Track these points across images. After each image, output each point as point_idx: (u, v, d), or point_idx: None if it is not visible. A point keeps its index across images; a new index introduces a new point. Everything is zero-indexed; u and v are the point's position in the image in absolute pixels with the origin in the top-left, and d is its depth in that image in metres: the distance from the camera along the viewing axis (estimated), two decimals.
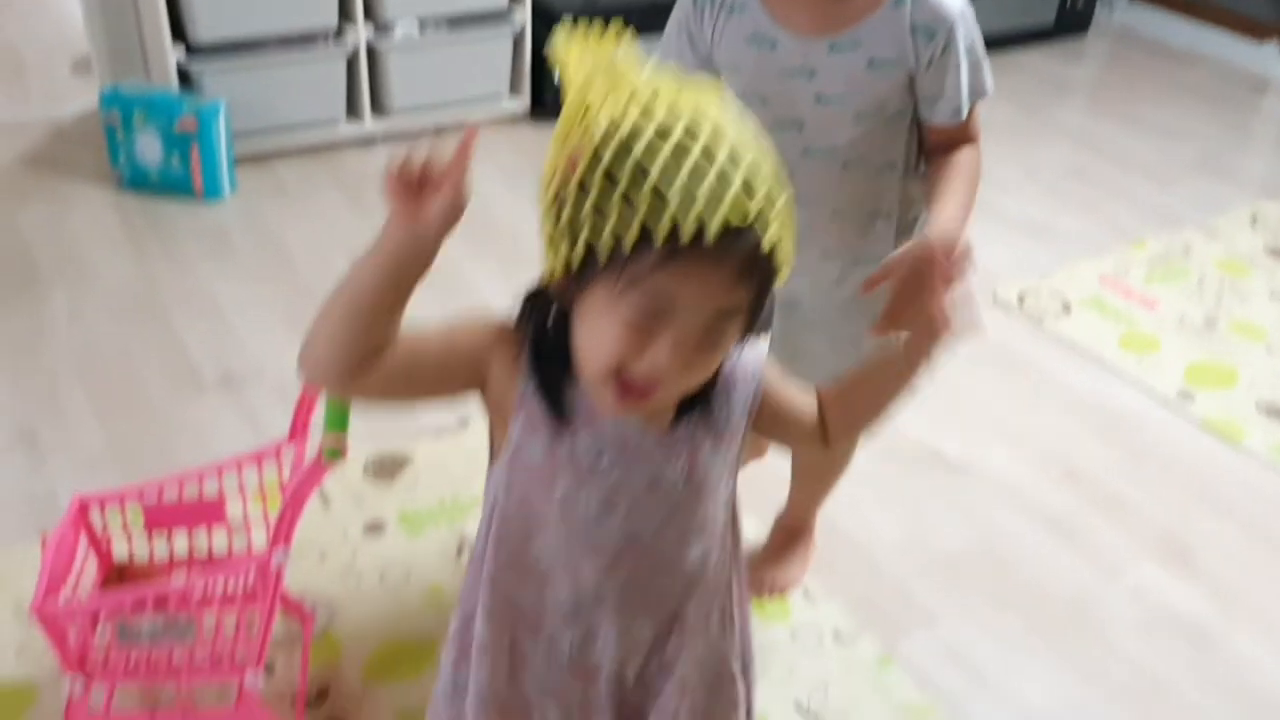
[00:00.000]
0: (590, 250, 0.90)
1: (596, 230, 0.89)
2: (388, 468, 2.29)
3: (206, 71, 3.32)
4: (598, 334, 0.94)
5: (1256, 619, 2.06)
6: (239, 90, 3.36)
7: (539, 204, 0.96)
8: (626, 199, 0.87)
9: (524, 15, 3.74)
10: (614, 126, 0.89)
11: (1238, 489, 2.39)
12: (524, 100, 3.91)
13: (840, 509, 2.13)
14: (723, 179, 0.88)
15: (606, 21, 0.98)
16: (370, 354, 0.94)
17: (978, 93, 1.53)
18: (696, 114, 0.90)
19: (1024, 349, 2.81)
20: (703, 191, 0.87)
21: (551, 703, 1.18)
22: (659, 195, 0.87)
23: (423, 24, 3.61)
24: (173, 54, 3.27)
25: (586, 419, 1.03)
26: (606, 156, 0.89)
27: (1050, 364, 2.77)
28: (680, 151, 0.87)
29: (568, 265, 0.92)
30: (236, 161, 3.38)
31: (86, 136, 3.58)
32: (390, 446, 2.34)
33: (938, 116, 1.53)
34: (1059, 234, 3.40)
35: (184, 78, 3.34)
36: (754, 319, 0.98)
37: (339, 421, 1.47)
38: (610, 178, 0.88)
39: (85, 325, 2.70)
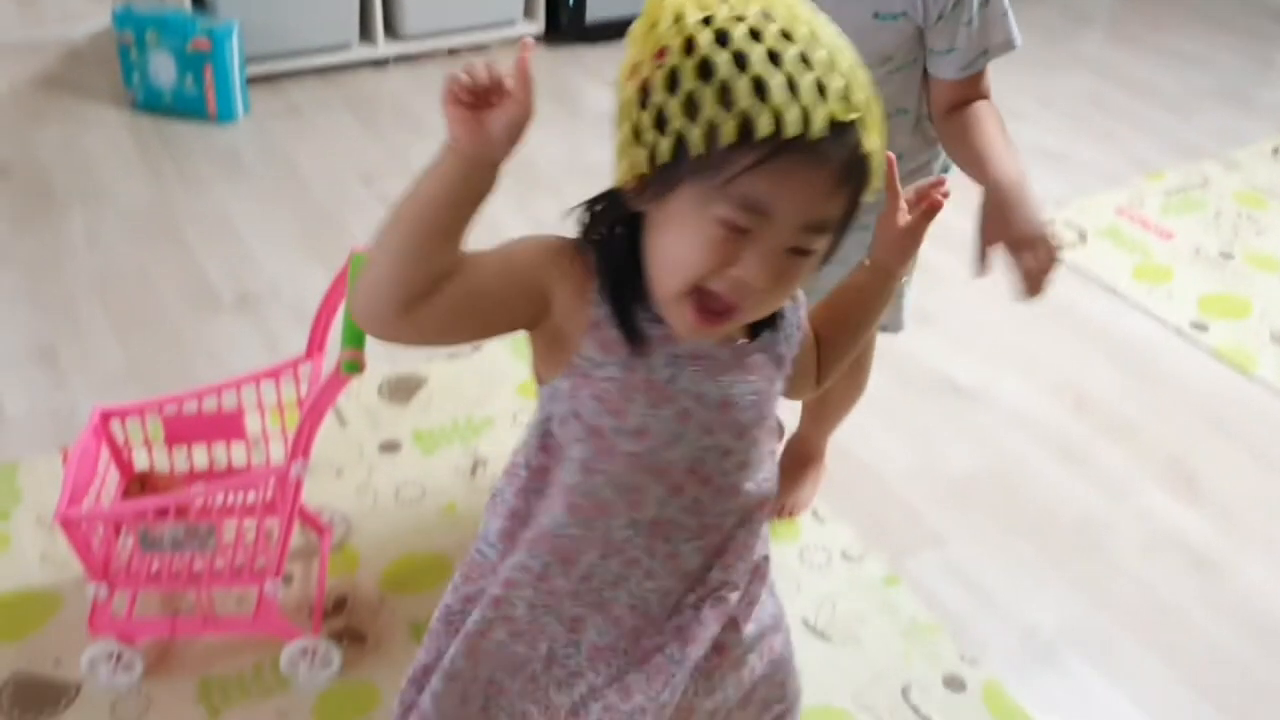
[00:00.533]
0: (677, 149, 0.84)
1: (689, 123, 0.83)
2: (403, 388, 2.31)
3: None
4: (681, 243, 0.88)
5: (1263, 546, 2.08)
6: (252, 11, 3.34)
7: (617, 99, 0.90)
8: (724, 89, 0.82)
9: None
10: (708, 17, 0.85)
11: (1248, 417, 2.40)
12: (538, 24, 3.88)
13: (851, 434, 2.15)
14: (827, 73, 0.84)
15: None
16: (428, 285, 0.88)
17: (999, 48, 1.48)
18: (791, 17, 0.86)
19: None
20: (807, 83, 0.82)
21: (561, 630, 1.14)
22: (760, 85, 0.81)
23: None
24: None
25: (662, 338, 0.97)
26: (702, 44, 0.83)
27: (1064, 292, 2.77)
28: (780, 44, 0.83)
29: (650, 164, 0.86)
30: (249, 83, 3.37)
31: (100, 57, 3.58)
32: (405, 368, 2.36)
33: (948, 71, 1.48)
34: (1076, 164, 3.37)
35: None
36: (837, 241, 0.93)
37: (356, 338, 1.48)
38: (706, 66, 0.83)
39: (103, 245, 2.72)
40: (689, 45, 0.84)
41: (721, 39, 0.83)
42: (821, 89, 0.83)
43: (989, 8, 1.45)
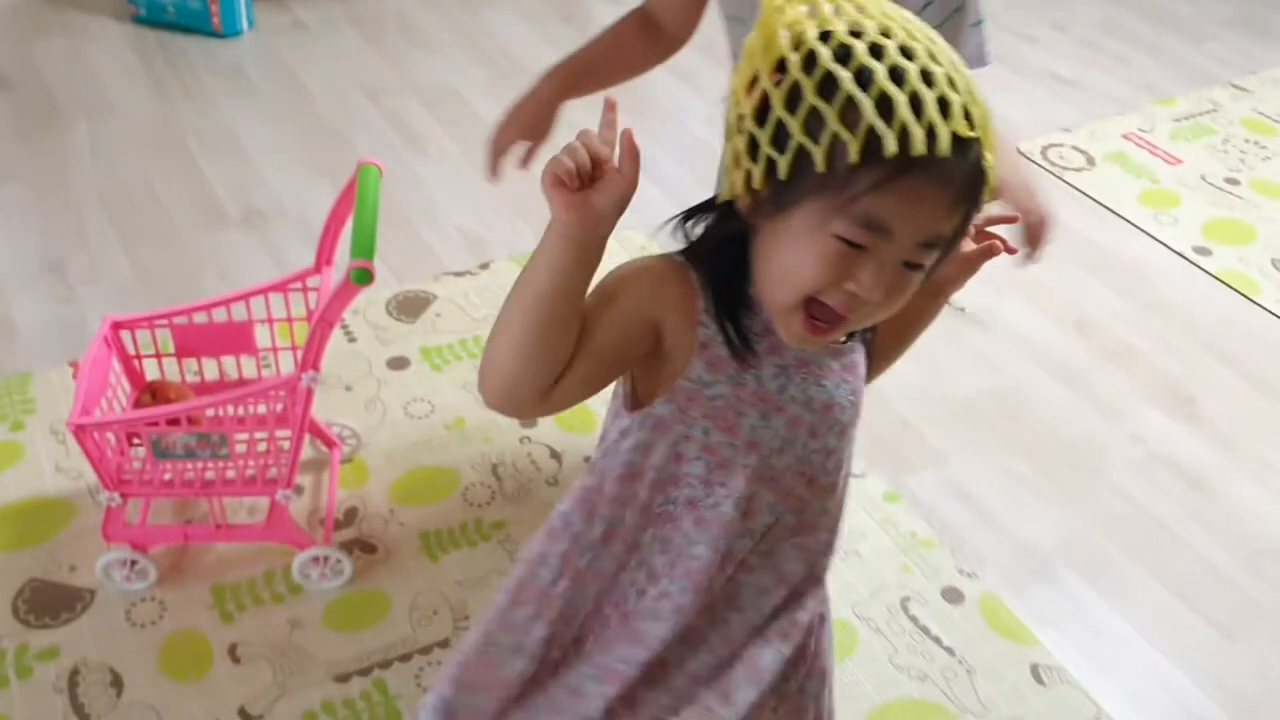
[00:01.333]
0: (798, 166, 0.83)
1: (811, 140, 0.82)
2: (410, 306, 2.32)
3: None
4: (796, 258, 0.87)
5: (1257, 468, 2.11)
6: None
7: (728, 115, 0.89)
8: (848, 106, 0.81)
9: None
10: (826, 33, 0.84)
11: (1248, 342, 2.42)
12: None
13: None
14: (948, 90, 0.82)
15: None
16: (559, 370, 0.89)
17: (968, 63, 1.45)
18: (907, 33, 0.85)
19: None
20: (930, 100, 0.81)
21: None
22: (885, 103, 0.80)
23: None
24: None
25: (768, 349, 0.97)
26: (824, 60, 0.82)
27: (1070, 217, 2.77)
28: (901, 61, 0.82)
29: (765, 180, 0.85)
30: None
31: None
32: (413, 286, 2.37)
33: None
34: (1088, 89, 3.35)
35: None
36: (945, 256, 0.92)
37: (366, 249, 1.49)
38: (828, 83, 0.81)
39: (108, 159, 2.71)
40: (809, 61, 0.83)
41: (843, 55, 0.82)
42: (944, 106, 0.82)
43: (961, 14, 1.40)
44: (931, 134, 0.80)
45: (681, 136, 2.93)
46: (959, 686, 1.68)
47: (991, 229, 1.11)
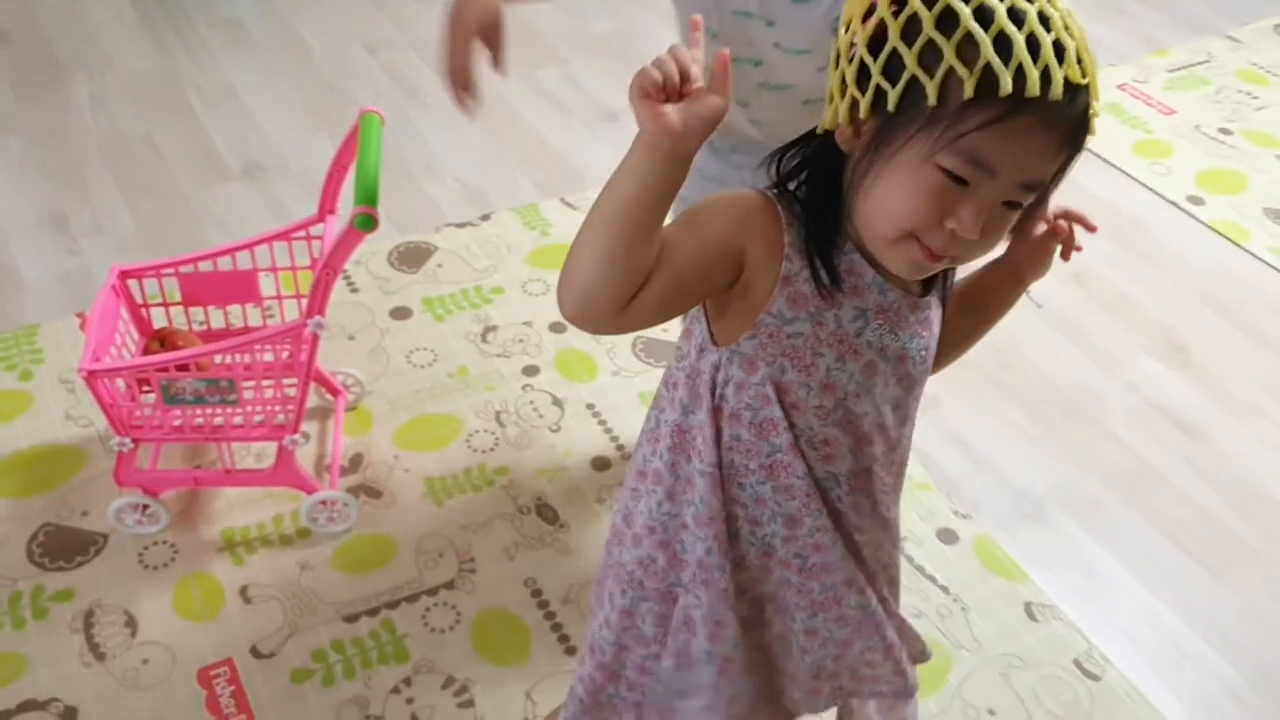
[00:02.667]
0: (909, 98, 0.84)
1: (926, 73, 0.83)
2: (412, 256, 2.34)
3: None
4: (899, 191, 0.88)
5: (1248, 414, 2.15)
6: None
7: (841, 39, 0.90)
8: (966, 42, 0.82)
9: None
10: None
11: (1240, 290, 2.45)
12: None
13: None
14: (1063, 34, 0.83)
15: None
16: (638, 282, 0.88)
17: None
18: None
19: None
20: (1047, 43, 0.82)
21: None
22: (1003, 42, 0.81)
23: None
24: None
25: (850, 289, 0.96)
26: None
27: None
28: (1020, 1, 0.83)
29: (873, 110, 0.87)
30: None
31: None
32: (414, 237, 2.39)
33: None
34: None
35: None
36: (1042, 199, 0.94)
37: (370, 195, 1.51)
38: (948, 17, 0.82)
39: (108, 112, 2.71)
40: None
41: None
42: (1059, 50, 0.83)
43: None
44: (1046, 77, 0.82)
45: None
46: (954, 624, 1.73)
47: (1063, 221, 1.11)
